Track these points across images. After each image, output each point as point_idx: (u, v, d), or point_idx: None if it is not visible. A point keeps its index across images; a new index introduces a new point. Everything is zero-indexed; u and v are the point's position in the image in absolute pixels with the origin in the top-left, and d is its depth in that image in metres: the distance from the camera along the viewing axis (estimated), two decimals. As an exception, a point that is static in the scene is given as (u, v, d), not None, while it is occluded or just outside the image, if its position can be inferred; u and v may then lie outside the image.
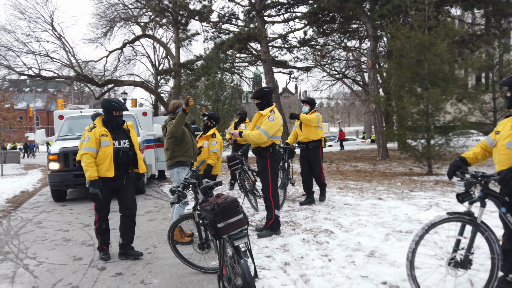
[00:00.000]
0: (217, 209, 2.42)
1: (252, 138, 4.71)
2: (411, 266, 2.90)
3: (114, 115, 4.28)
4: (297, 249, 4.34)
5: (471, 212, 2.99)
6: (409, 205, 6.38)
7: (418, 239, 2.96)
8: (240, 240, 2.43)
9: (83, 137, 4.23)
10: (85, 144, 4.12)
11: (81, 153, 4.11)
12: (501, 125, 3.02)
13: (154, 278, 3.77)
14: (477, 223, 2.94)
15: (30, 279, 3.88)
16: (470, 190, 2.96)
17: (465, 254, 2.92)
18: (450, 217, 3.05)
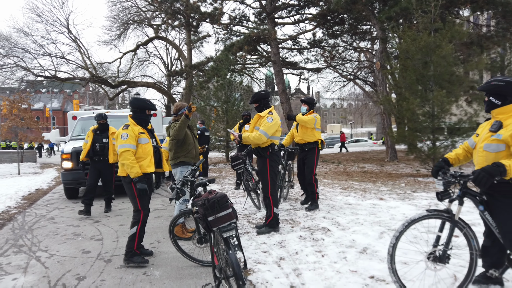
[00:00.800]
0: (207, 204, 2.64)
1: (253, 140, 4.92)
2: (392, 260, 3.07)
3: (147, 114, 4.35)
4: (293, 246, 4.53)
5: (450, 209, 3.15)
6: (409, 205, 6.49)
7: (398, 234, 3.13)
8: (228, 232, 2.64)
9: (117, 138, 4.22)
10: (124, 141, 4.09)
11: (122, 150, 4.07)
12: (481, 128, 3.16)
13: (156, 270, 4.00)
14: (455, 220, 3.10)
15: (41, 270, 4.15)
16: (448, 189, 3.13)
17: (443, 250, 3.08)
18: (429, 214, 3.23)
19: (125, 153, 4.08)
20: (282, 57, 25.12)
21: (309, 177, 6.39)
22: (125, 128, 4.18)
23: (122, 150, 4.10)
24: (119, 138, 4.13)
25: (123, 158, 4.09)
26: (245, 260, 2.91)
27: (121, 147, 4.11)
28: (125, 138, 4.11)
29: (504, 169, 2.66)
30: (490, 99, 2.97)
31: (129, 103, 4.38)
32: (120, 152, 4.10)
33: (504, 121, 2.87)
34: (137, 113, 4.30)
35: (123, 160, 4.09)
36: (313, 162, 6.39)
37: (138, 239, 4.20)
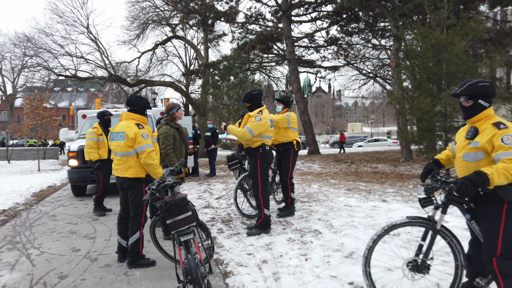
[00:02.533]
0: (164, 207, 2.59)
1: (237, 133, 4.86)
2: (367, 263, 2.98)
3: (147, 114, 4.31)
4: (279, 248, 4.44)
5: (432, 217, 2.99)
6: (410, 208, 6.28)
7: (376, 238, 3.01)
8: (186, 236, 2.59)
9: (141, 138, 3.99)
10: (147, 141, 4.00)
11: (150, 150, 3.98)
12: (458, 134, 2.98)
13: (137, 271, 4.00)
14: (436, 229, 2.94)
15: (28, 267, 4.22)
16: (431, 195, 2.97)
17: (422, 259, 2.92)
18: (412, 221, 3.08)
19: (152, 153, 4.01)
20: (298, 55, 24.91)
21: (283, 180, 5.98)
22: (141, 127, 4.03)
23: (150, 149, 3.99)
24: (140, 138, 3.96)
25: (150, 158, 3.98)
26: (210, 265, 2.85)
27: (149, 146, 3.99)
28: (146, 137, 4.00)
29: (486, 178, 2.50)
30: (480, 102, 2.77)
31: (131, 101, 4.18)
32: (148, 152, 3.97)
33: (479, 126, 2.69)
34: (140, 112, 4.19)
35: (150, 160, 3.98)
36: (288, 164, 5.91)
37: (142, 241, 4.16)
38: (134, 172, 4.06)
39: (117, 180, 4.21)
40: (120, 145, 4.06)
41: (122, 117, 4.25)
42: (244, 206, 6.80)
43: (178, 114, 5.41)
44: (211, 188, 9.33)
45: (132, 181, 4.08)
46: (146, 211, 4.18)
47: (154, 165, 4.03)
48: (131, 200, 4.12)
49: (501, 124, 2.62)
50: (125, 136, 4.01)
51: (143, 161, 4.02)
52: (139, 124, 4.09)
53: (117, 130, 4.14)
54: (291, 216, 5.96)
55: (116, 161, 4.18)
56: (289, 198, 6.00)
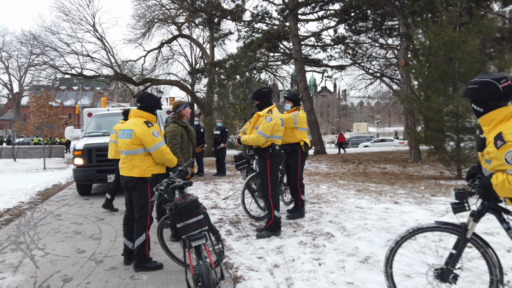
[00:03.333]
0: (174, 210, 2.43)
1: (251, 142, 4.70)
2: (388, 264, 2.86)
3: (155, 113, 4.21)
4: (291, 252, 4.27)
5: (464, 224, 2.77)
6: (424, 211, 6.08)
7: (400, 239, 2.85)
8: (198, 241, 2.43)
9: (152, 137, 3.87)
10: (160, 139, 3.91)
11: (164, 148, 3.92)
12: None
13: (144, 274, 3.85)
14: (466, 238, 2.72)
15: (31, 269, 4.09)
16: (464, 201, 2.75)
17: (448, 268, 2.73)
18: (441, 226, 2.87)
19: (167, 148, 3.97)
20: (305, 54, 24.70)
21: (293, 182, 5.78)
22: (150, 125, 3.89)
23: (164, 146, 3.92)
24: (151, 137, 3.83)
25: (167, 154, 3.93)
26: (221, 271, 2.69)
27: (162, 144, 3.91)
28: (157, 135, 3.90)
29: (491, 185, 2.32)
30: (473, 106, 2.55)
31: (142, 98, 4.04)
32: (163, 149, 3.89)
33: (487, 134, 2.43)
34: (149, 110, 4.04)
35: (167, 156, 3.94)
36: (297, 165, 5.71)
37: (148, 244, 4.01)
38: (139, 172, 3.91)
39: (121, 180, 4.07)
40: (126, 143, 3.91)
41: (131, 114, 4.11)
42: (251, 207, 6.64)
43: (185, 112, 5.27)
44: (218, 188, 9.18)
45: (136, 180, 3.92)
46: (151, 212, 4.03)
47: (171, 159, 4.00)
48: (135, 201, 3.97)
49: (499, 140, 2.28)
50: (132, 134, 3.86)
51: (160, 159, 3.93)
52: (148, 122, 3.93)
53: (124, 127, 4.00)
54: (301, 218, 5.79)
55: (121, 159, 4.04)
56: (300, 200, 5.82)
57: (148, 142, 3.85)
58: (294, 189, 5.82)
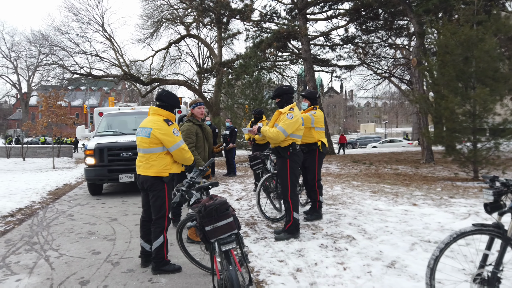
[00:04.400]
0: (203, 212, 2.31)
1: (270, 135, 4.55)
2: (431, 275, 2.65)
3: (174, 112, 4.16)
4: (313, 255, 4.13)
5: (501, 224, 2.65)
6: (445, 213, 5.91)
7: (443, 246, 2.66)
8: (227, 245, 2.30)
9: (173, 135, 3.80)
10: (180, 137, 3.85)
11: (183, 147, 3.85)
12: None
13: (163, 277, 3.73)
14: (507, 237, 2.60)
15: (47, 271, 3.99)
16: (500, 199, 2.64)
17: (493, 271, 2.59)
18: (482, 228, 2.73)
19: (186, 146, 3.89)
20: (313, 54, 24.51)
21: (311, 183, 5.64)
22: (170, 123, 3.80)
23: (184, 145, 3.85)
24: (172, 135, 3.75)
25: (186, 152, 3.86)
26: (250, 275, 2.56)
27: (182, 142, 3.84)
28: (177, 134, 3.82)
29: None
30: None
31: (162, 97, 3.94)
32: (182, 148, 3.81)
33: None
34: (169, 109, 3.93)
35: (186, 154, 3.86)
36: (314, 166, 5.58)
37: (166, 246, 3.89)
38: (156, 171, 3.79)
39: (138, 179, 3.95)
40: (144, 141, 3.80)
41: (149, 112, 4.00)
42: (266, 208, 6.52)
43: (195, 111, 5.10)
44: (230, 189, 9.06)
45: (153, 180, 3.80)
46: (169, 213, 3.92)
47: (190, 157, 3.92)
48: (152, 202, 3.85)
49: None
50: (150, 133, 3.75)
51: (181, 158, 3.84)
52: (168, 121, 3.82)
53: (143, 125, 3.89)
54: (319, 220, 5.64)
55: (138, 158, 3.93)
56: (317, 201, 5.68)
57: (169, 141, 3.75)
58: (312, 190, 5.66)
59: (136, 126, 9.73)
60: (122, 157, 8.30)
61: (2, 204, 7.27)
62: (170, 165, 3.85)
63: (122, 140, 8.49)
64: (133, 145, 8.34)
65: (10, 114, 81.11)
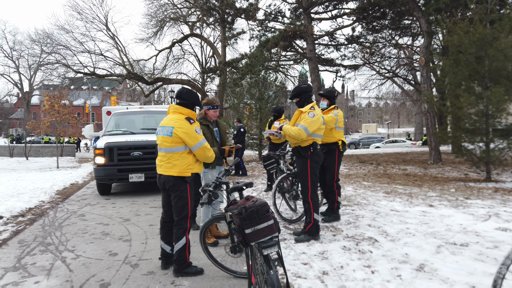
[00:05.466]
0: (244, 213, 2.20)
1: (291, 133, 4.45)
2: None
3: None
4: (337, 258, 4.03)
5: None
6: (464, 214, 5.81)
7: (510, 262, 2.33)
8: (270, 249, 2.20)
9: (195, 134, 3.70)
10: (202, 136, 3.74)
11: (205, 145, 3.76)
12: None
13: (185, 280, 3.63)
14: None
15: (65, 273, 3.90)
16: None
17: None
18: None
19: (208, 144, 3.78)
20: (317, 53, 24.38)
21: (330, 183, 5.55)
22: (192, 122, 3.71)
23: (206, 144, 3.75)
24: (194, 134, 3.65)
25: (208, 151, 3.76)
26: (287, 280, 2.45)
27: (204, 141, 3.74)
28: (199, 132, 3.71)
29: None
30: None
31: (182, 94, 3.83)
32: (203, 147, 3.71)
33: None
34: (189, 107, 3.83)
35: (209, 153, 3.76)
36: (334, 166, 5.50)
37: (188, 248, 3.79)
38: (178, 170, 3.69)
39: (158, 179, 3.85)
40: (166, 140, 3.69)
41: (169, 110, 3.90)
42: (281, 208, 6.42)
43: (210, 113, 4.86)
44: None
45: (175, 180, 3.69)
46: (191, 214, 3.82)
47: (212, 155, 3.82)
48: (174, 202, 3.75)
49: None
50: (172, 131, 3.65)
51: (203, 157, 3.75)
52: (189, 119, 3.71)
53: (164, 124, 3.78)
54: (337, 222, 5.54)
55: (159, 157, 3.81)
56: (336, 202, 5.58)
57: (191, 140, 3.65)
58: (330, 191, 5.56)
59: (144, 125, 9.66)
60: (131, 156, 8.20)
61: (12, 204, 7.17)
62: (193, 165, 3.75)
63: (132, 139, 8.39)
64: (143, 144, 8.27)
65: (12, 113, 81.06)
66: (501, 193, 7.70)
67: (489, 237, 4.59)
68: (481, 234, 4.70)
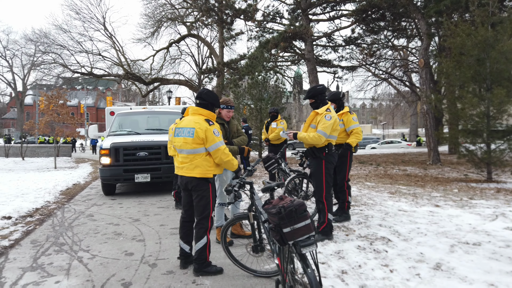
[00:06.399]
0: (283, 213, 2.25)
1: (310, 141, 4.49)
2: None
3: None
4: (353, 257, 4.08)
5: None
6: (471, 214, 5.90)
7: None
8: (308, 248, 2.24)
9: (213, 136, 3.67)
10: (220, 138, 3.71)
11: (224, 148, 3.72)
12: None
13: (206, 279, 3.66)
14: None
15: (84, 272, 3.90)
16: None
17: None
18: None
19: (226, 149, 3.74)
20: (315, 55, 24.51)
21: (341, 183, 5.60)
22: (211, 124, 3.70)
23: (223, 147, 3.71)
24: (212, 135, 3.64)
25: (225, 155, 3.71)
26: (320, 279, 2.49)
27: (222, 143, 3.70)
28: (218, 134, 3.69)
29: None
30: None
31: (202, 95, 3.83)
32: (222, 150, 3.69)
33: None
34: (209, 107, 3.84)
35: (226, 157, 3.72)
36: (345, 166, 5.58)
37: (209, 247, 3.80)
38: (201, 172, 3.71)
39: (181, 181, 3.86)
40: (187, 142, 3.71)
41: (189, 111, 3.92)
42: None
43: (223, 113, 4.94)
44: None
45: (198, 181, 3.72)
46: (212, 213, 3.85)
47: (230, 160, 3.78)
48: (196, 202, 3.77)
49: None
50: (194, 133, 3.67)
51: (218, 160, 3.72)
52: (209, 120, 3.73)
53: (184, 125, 3.79)
54: (348, 221, 5.60)
55: (180, 159, 3.83)
56: (346, 202, 5.64)
57: (208, 141, 3.67)
58: (341, 191, 5.62)
59: (148, 126, 9.66)
60: (138, 156, 8.21)
61: (18, 204, 7.15)
62: (215, 166, 3.78)
63: (138, 139, 8.39)
64: (149, 144, 8.27)
65: (4, 113, 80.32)
66: (504, 193, 7.82)
67: (499, 236, 4.67)
68: (491, 234, 4.78)
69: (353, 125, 5.56)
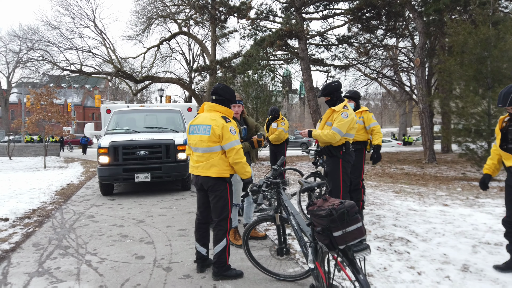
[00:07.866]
0: (335, 215, 2.09)
1: (325, 139, 4.34)
2: None
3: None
4: (376, 259, 3.96)
5: None
6: (482, 213, 5.85)
7: None
8: (361, 253, 2.09)
9: (229, 133, 3.48)
10: (236, 137, 3.51)
11: (239, 147, 3.51)
12: None
13: (227, 283, 3.48)
14: None
15: (95, 277, 3.69)
16: None
17: None
18: None
19: (240, 150, 3.50)
20: (308, 53, 24.43)
21: (356, 182, 5.42)
22: (228, 121, 3.52)
23: (239, 146, 3.49)
24: (228, 133, 3.45)
25: (239, 156, 3.48)
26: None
27: (237, 143, 3.49)
28: (234, 132, 3.49)
29: None
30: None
31: (218, 90, 3.63)
32: (237, 150, 3.47)
33: None
34: (225, 104, 3.65)
35: (239, 159, 3.48)
36: (361, 165, 5.45)
37: (228, 249, 3.62)
38: (218, 171, 3.52)
39: (196, 180, 3.68)
40: (203, 140, 3.53)
41: (204, 108, 3.73)
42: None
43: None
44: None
45: (215, 181, 3.54)
46: (231, 214, 3.67)
47: (243, 164, 3.52)
48: (214, 203, 3.59)
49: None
50: (210, 130, 3.48)
51: (232, 159, 3.49)
52: (225, 118, 3.55)
53: (199, 122, 3.60)
54: (361, 221, 5.49)
55: (195, 157, 3.64)
56: (361, 201, 5.52)
57: (224, 138, 3.48)
58: (355, 190, 5.47)
59: (146, 124, 9.42)
60: (137, 155, 7.96)
61: (14, 205, 6.84)
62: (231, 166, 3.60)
63: (137, 138, 8.15)
64: (149, 143, 8.04)
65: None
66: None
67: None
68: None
69: (373, 123, 5.49)
